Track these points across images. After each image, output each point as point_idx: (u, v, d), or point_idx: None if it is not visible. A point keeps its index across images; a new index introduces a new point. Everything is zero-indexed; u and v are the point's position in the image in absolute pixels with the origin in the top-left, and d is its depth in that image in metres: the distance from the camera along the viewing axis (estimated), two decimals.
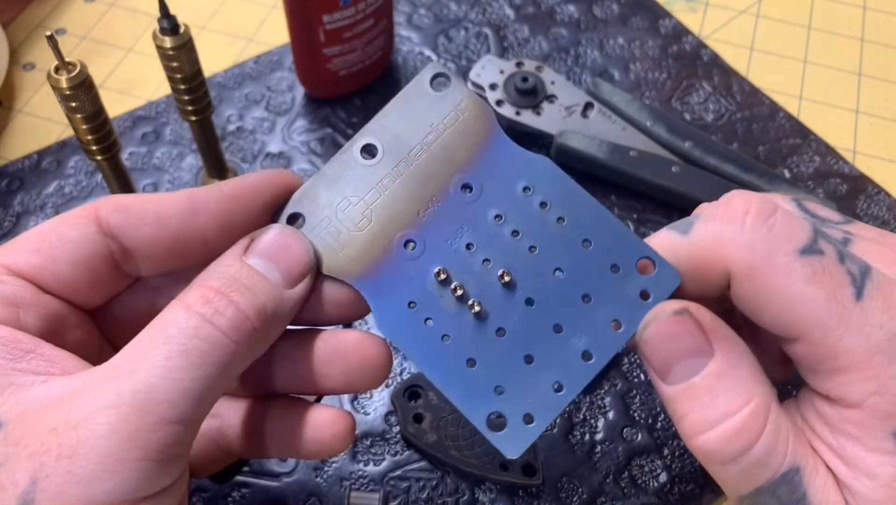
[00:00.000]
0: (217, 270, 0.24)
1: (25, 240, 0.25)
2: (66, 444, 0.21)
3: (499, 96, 0.45)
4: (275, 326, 0.24)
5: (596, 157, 0.43)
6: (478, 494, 0.35)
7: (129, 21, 0.54)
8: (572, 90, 0.46)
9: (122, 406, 0.21)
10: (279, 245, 0.25)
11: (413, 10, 0.54)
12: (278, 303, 0.24)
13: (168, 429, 0.21)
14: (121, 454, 0.21)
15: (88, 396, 0.21)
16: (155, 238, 0.25)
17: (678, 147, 0.44)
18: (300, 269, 0.25)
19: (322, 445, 0.28)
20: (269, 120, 0.48)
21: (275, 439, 0.29)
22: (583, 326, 0.24)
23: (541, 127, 0.45)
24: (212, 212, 0.25)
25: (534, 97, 0.45)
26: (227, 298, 0.23)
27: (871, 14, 0.55)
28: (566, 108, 0.45)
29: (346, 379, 0.27)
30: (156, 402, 0.21)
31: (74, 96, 0.34)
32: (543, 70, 0.46)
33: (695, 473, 0.36)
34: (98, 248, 0.25)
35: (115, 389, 0.21)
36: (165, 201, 0.26)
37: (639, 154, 0.43)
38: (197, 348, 0.22)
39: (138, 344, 0.23)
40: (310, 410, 0.28)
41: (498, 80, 0.46)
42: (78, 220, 0.25)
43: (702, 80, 0.50)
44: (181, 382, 0.22)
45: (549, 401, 0.24)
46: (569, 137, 0.44)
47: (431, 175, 0.25)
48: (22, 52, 0.52)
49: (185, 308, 0.23)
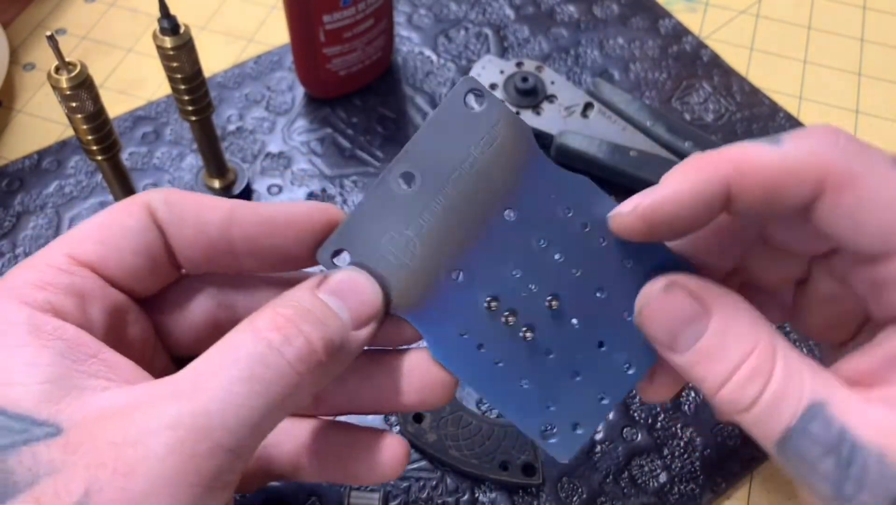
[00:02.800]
0: (290, 298, 0.24)
1: (87, 230, 0.25)
2: (124, 460, 0.20)
3: (498, 96, 0.45)
4: (338, 363, 0.24)
5: (596, 158, 0.43)
6: (478, 494, 0.35)
7: (130, 21, 0.54)
8: (572, 90, 0.46)
9: (181, 428, 0.20)
10: (351, 286, 0.25)
11: (413, 10, 0.54)
12: (345, 341, 0.24)
13: (223, 456, 0.21)
14: (176, 477, 0.20)
15: (149, 412, 0.21)
16: (193, 240, 0.25)
17: (678, 147, 0.44)
18: (369, 311, 0.25)
19: (379, 471, 0.27)
20: (269, 120, 0.48)
21: (329, 462, 0.28)
22: (624, 341, 0.26)
23: (541, 127, 0.45)
24: (247, 229, 0.25)
25: (534, 97, 0.45)
26: (298, 328, 0.23)
27: (871, 14, 0.55)
28: (566, 108, 0.45)
29: (420, 396, 0.27)
30: (214, 428, 0.21)
31: (75, 96, 0.34)
32: (543, 70, 0.46)
33: (694, 473, 0.36)
34: (156, 238, 0.25)
35: (176, 409, 0.21)
36: (207, 206, 0.26)
37: (639, 154, 0.43)
38: (261, 376, 0.22)
39: (205, 363, 0.22)
40: (368, 434, 0.28)
41: (498, 80, 0.46)
42: (135, 209, 0.25)
43: (702, 81, 0.50)
44: (241, 408, 0.21)
45: (593, 410, 0.27)
46: (569, 138, 0.44)
47: (473, 201, 0.25)
48: (22, 52, 0.52)
49: (254, 332, 0.22)
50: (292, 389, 0.22)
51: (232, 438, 0.21)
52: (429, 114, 0.47)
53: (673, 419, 0.37)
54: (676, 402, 0.38)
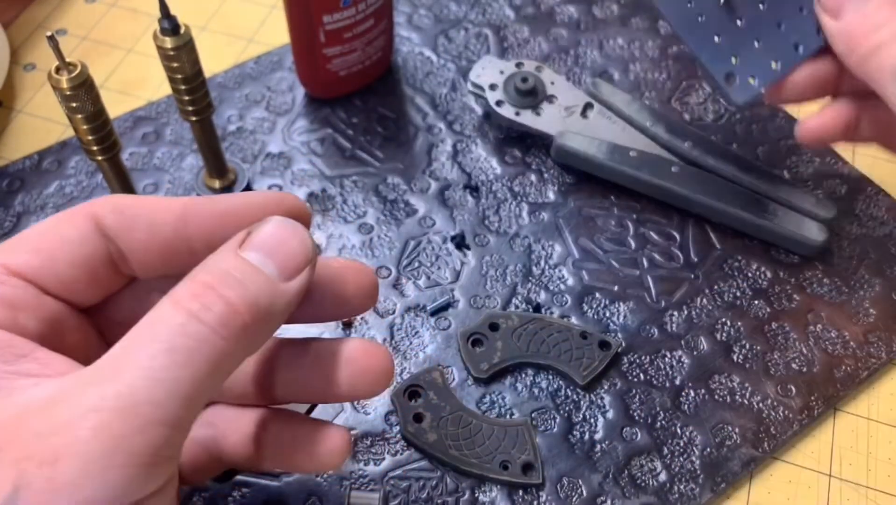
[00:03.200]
0: (209, 264, 0.23)
1: (24, 239, 0.25)
2: (50, 449, 0.20)
3: (498, 96, 0.45)
4: (270, 321, 0.23)
5: (595, 158, 0.43)
6: (478, 494, 0.35)
7: (130, 21, 0.54)
8: (572, 91, 0.46)
9: (105, 410, 0.20)
10: (276, 238, 0.24)
11: (413, 10, 0.54)
12: (273, 297, 0.23)
13: (154, 431, 0.21)
14: (104, 460, 0.20)
15: (73, 399, 0.21)
16: (147, 243, 0.25)
17: (678, 147, 0.44)
18: (297, 261, 0.24)
19: (319, 461, 0.27)
20: (269, 120, 0.48)
21: (271, 452, 0.28)
22: (798, 26, 0.34)
23: (540, 127, 0.45)
24: (203, 225, 0.25)
25: (533, 97, 0.45)
26: (217, 293, 0.22)
27: None
28: (566, 109, 0.45)
29: (351, 385, 0.26)
30: (139, 404, 0.20)
31: (75, 97, 0.34)
32: (543, 70, 0.46)
33: (694, 473, 0.36)
34: (97, 249, 0.25)
35: (98, 391, 0.21)
36: (160, 208, 0.25)
37: (638, 154, 0.43)
38: (183, 346, 0.21)
39: (124, 344, 0.22)
40: (310, 424, 0.28)
41: (498, 80, 0.46)
42: (76, 220, 0.25)
43: (701, 81, 0.50)
44: (166, 382, 0.21)
45: (767, 70, 0.36)
46: (568, 138, 0.44)
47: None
48: (22, 53, 0.52)
49: (173, 304, 0.22)
50: (219, 354, 0.22)
51: (161, 411, 0.21)
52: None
53: (673, 419, 0.37)
54: (676, 401, 0.38)
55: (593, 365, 0.38)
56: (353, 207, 0.44)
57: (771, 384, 0.38)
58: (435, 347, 0.39)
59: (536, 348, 0.38)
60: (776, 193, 0.42)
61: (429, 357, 0.39)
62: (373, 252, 0.42)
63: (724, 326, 0.40)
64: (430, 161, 0.46)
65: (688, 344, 0.40)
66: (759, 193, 0.42)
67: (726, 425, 0.37)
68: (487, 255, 0.42)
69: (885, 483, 0.36)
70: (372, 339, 0.39)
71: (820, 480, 0.36)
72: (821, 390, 0.38)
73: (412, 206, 0.44)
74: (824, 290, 0.41)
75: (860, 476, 0.36)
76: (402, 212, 0.44)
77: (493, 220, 0.44)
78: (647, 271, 0.42)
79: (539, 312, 0.40)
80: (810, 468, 0.37)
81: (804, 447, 0.37)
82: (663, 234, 0.43)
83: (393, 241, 0.43)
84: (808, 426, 0.37)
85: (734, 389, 0.38)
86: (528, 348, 0.38)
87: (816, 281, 0.42)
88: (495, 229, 0.43)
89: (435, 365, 0.38)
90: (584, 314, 0.40)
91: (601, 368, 0.38)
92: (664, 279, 0.42)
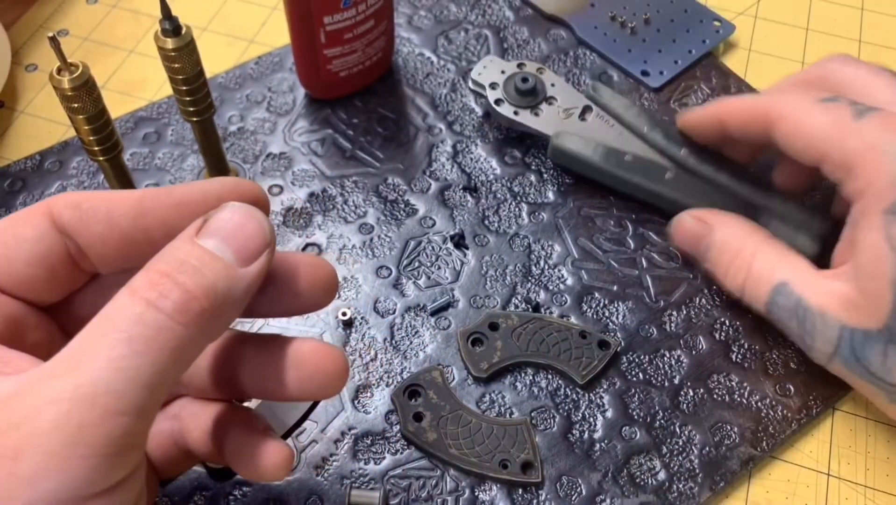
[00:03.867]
0: (166, 253, 0.23)
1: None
2: (9, 444, 0.20)
3: (498, 95, 0.46)
4: (229, 306, 0.23)
5: (590, 160, 0.43)
6: (478, 493, 0.35)
7: (131, 22, 0.54)
8: (572, 93, 0.46)
9: (65, 402, 0.20)
10: (233, 223, 0.24)
11: (413, 11, 0.54)
12: (231, 282, 0.23)
13: (114, 421, 0.21)
14: (65, 451, 0.20)
15: (32, 393, 0.21)
16: (105, 236, 0.25)
17: (673, 154, 0.43)
18: (255, 245, 0.24)
19: (260, 472, 0.28)
20: (270, 121, 0.48)
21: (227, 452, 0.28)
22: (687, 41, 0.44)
23: (538, 127, 0.45)
24: (160, 215, 0.25)
25: (533, 98, 0.46)
26: (173, 280, 0.22)
27: (868, 15, 0.55)
28: (564, 111, 0.45)
29: (300, 386, 0.26)
30: (99, 394, 0.20)
31: (76, 97, 0.34)
32: (545, 72, 0.47)
33: (693, 472, 0.36)
34: (54, 246, 0.25)
35: (57, 384, 0.21)
36: (116, 200, 0.25)
37: (633, 158, 0.43)
38: (141, 335, 0.21)
39: (83, 336, 0.22)
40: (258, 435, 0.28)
41: (499, 79, 0.46)
42: (32, 218, 0.25)
43: (700, 82, 0.50)
44: (125, 371, 0.21)
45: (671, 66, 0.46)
46: (564, 139, 0.44)
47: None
48: (24, 53, 0.52)
49: (131, 294, 0.22)
50: (177, 341, 0.22)
51: (122, 401, 0.21)
52: (428, 115, 0.48)
53: (672, 418, 0.37)
54: (675, 400, 0.38)
55: (592, 364, 0.38)
56: (353, 208, 0.44)
57: (769, 383, 0.38)
58: (435, 346, 0.39)
59: (536, 348, 0.39)
60: (770, 204, 0.41)
61: (429, 356, 0.39)
62: (373, 252, 0.43)
63: (723, 325, 0.40)
64: (431, 161, 0.46)
65: (687, 343, 0.40)
66: (753, 204, 0.41)
67: (725, 424, 0.37)
68: (487, 254, 0.43)
69: (884, 482, 0.36)
70: (372, 338, 0.40)
71: (818, 479, 0.37)
72: (819, 390, 0.38)
73: (412, 206, 0.44)
74: None
75: (859, 475, 0.37)
76: (402, 212, 0.44)
77: (493, 220, 0.44)
78: (646, 271, 0.42)
79: (538, 311, 0.40)
80: (809, 467, 0.37)
81: (803, 446, 0.37)
82: (662, 235, 0.43)
83: (393, 242, 0.43)
84: (806, 425, 0.38)
85: (733, 389, 0.38)
86: (527, 348, 0.39)
87: None
88: (495, 229, 0.44)
89: (435, 364, 0.39)
90: (583, 314, 0.41)
91: (600, 367, 0.38)
92: (663, 279, 0.42)
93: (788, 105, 0.35)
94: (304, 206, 0.44)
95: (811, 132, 0.34)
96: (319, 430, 0.37)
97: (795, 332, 0.35)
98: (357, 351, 0.39)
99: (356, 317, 0.40)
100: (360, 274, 0.42)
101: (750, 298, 0.37)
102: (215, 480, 0.35)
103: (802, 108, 0.35)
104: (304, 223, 0.44)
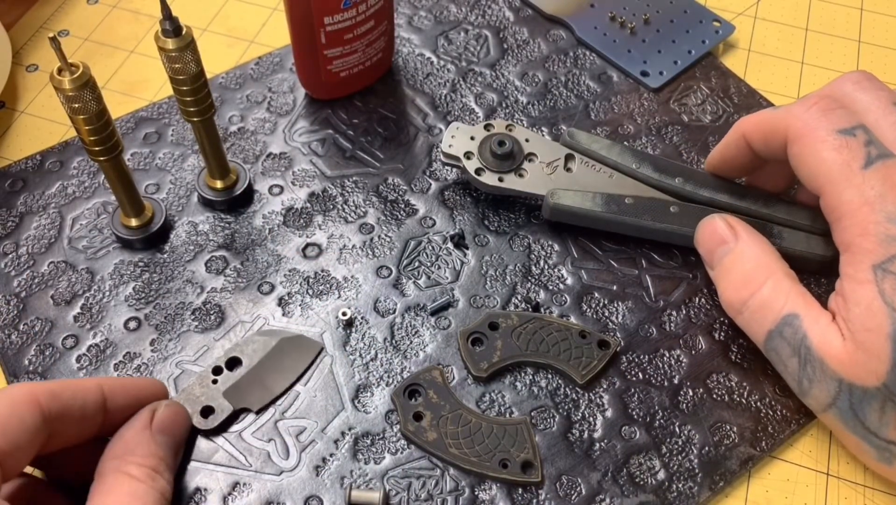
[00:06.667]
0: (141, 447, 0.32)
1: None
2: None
3: (477, 164, 0.43)
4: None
5: (592, 212, 0.41)
6: (477, 492, 0.35)
7: (132, 23, 0.54)
8: (549, 144, 0.44)
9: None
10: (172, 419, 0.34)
11: (413, 11, 0.54)
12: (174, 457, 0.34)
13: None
14: None
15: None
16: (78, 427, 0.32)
17: (670, 186, 0.42)
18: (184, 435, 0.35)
19: None
20: (270, 121, 0.48)
21: None
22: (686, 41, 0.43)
23: (528, 189, 0.43)
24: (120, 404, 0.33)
25: (513, 160, 0.43)
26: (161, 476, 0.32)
27: (867, 15, 0.55)
28: (548, 165, 0.43)
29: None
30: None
31: (77, 97, 0.34)
32: (515, 129, 0.44)
33: (693, 472, 0.36)
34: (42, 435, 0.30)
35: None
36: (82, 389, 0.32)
37: (634, 200, 0.42)
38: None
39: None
40: None
41: (472, 147, 0.44)
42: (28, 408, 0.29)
43: (699, 82, 0.50)
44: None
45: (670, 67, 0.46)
46: (561, 196, 0.42)
47: None
48: (25, 54, 0.52)
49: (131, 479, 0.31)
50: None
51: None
52: (428, 115, 0.48)
53: (671, 417, 0.37)
54: (675, 400, 0.38)
55: (592, 364, 0.38)
56: (353, 208, 0.45)
57: (769, 383, 0.39)
58: (435, 346, 0.39)
59: (536, 347, 0.39)
60: (775, 214, 0.41)
61: (429, 356, 0.39)
62: (373, 252, 0.43)
63: (723, 325, 0.40)
64: (431, 161, 0.46)
65: (686, 343, 0.40)
66: (760, 217, 0.41)
67: (724, 424, 0.37)
68: (487, 254, 0.43)
69: (882, 481, 0.36)
70: (372, 338, 0.40)
71: (818, 478, 0.37)
72: None
73: (412, 206, 0.45)
74: (822, 290, 0.41)
75: (857, 475, 0.37)
76: (402, 212, 0.44)
77: (493, 219, 0.44)
78: (646, 271, 0.42)
79: (538, 311, 0.41)
80: (808, 467, 0.37)
81: (802, 446, 0.37)
82: None
83: (393, 241, 0.43)
84: (805, 425, 0.38)
85: (732, 388, 0.38)
86: (527, 347, 0.39)
87: (815, 281, 0.42)
88: (495, 229, 0.44)
89: (435, 364, 0.39)
90: (583, 314, 0.41)
91: (600, 367, 0.38)
92: (662, 279, 0.42)
93: (807, 126, 0.35)
94: (305, 206, 0.45)
95: (818, 166, 0.34)
96: (319, 429, 0.37)
97: (794, 372, 0.35)
98: (357, 351, 0.39)
99: (356, 317, 0.40)
100: (361, 274, 0.42)
101: (750, 320, 0.36)
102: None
103: (818, 137, 0.34)
104: (305, 223, 0.44)
